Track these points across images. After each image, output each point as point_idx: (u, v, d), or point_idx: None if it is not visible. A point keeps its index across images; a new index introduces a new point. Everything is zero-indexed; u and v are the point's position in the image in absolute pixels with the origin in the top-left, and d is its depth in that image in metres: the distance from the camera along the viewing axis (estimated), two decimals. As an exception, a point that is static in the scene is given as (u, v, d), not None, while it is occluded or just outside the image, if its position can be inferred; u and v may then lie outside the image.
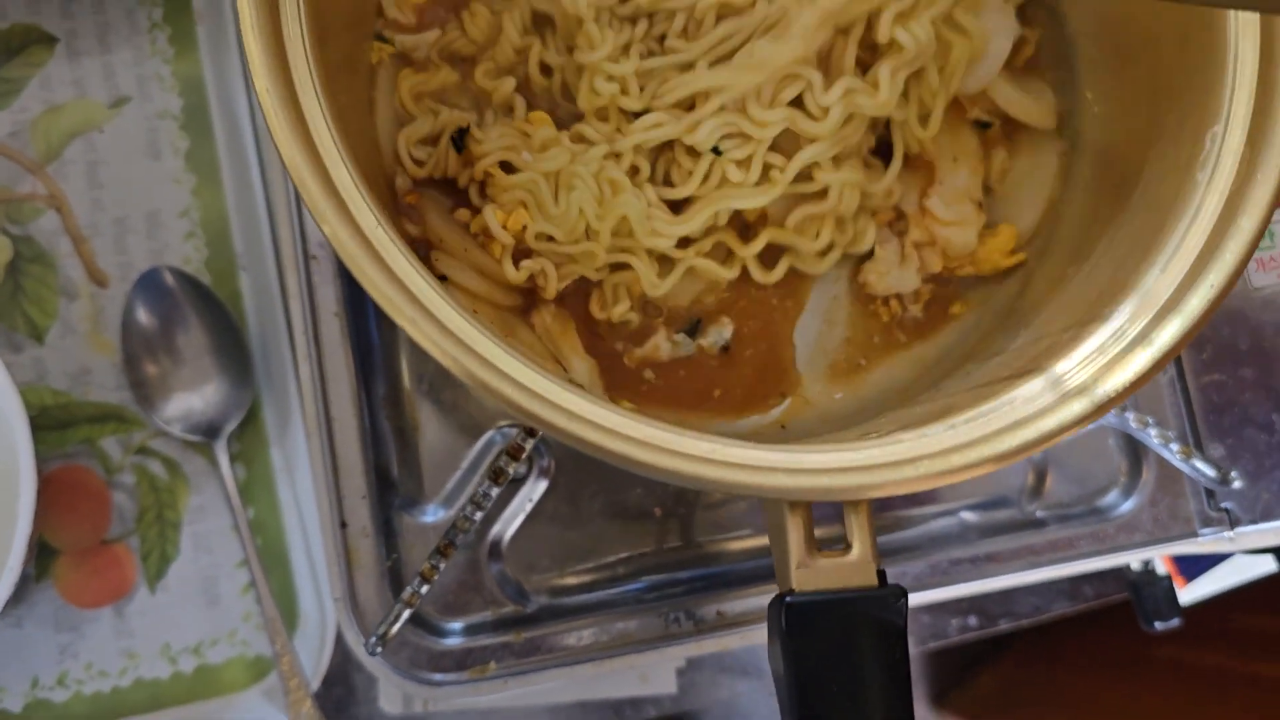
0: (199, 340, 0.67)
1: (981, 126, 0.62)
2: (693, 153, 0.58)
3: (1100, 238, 0.51)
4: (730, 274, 0.60)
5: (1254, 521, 0.63)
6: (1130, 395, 0.43)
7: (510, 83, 0.59)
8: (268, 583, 0.65)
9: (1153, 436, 0.59)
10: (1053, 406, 0.43)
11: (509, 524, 0.62)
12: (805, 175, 0.58)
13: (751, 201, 0.58)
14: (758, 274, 0.61)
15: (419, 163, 0.58)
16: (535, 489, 0.62)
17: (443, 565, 0.53)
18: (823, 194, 0.59)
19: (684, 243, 0.59)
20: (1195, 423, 0.64)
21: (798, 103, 0.57)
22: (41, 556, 0.66)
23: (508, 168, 0.57)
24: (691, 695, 0.70)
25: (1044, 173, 0.62)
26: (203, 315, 0.67)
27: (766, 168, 0.58)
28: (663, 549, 0.64)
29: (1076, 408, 0.43)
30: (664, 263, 0.60)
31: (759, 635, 0.60)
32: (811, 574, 0.40)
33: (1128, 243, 0.48)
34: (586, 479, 0.63)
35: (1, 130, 0.70)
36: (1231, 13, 0.46)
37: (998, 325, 0.58)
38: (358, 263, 0.41)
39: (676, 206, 0.59)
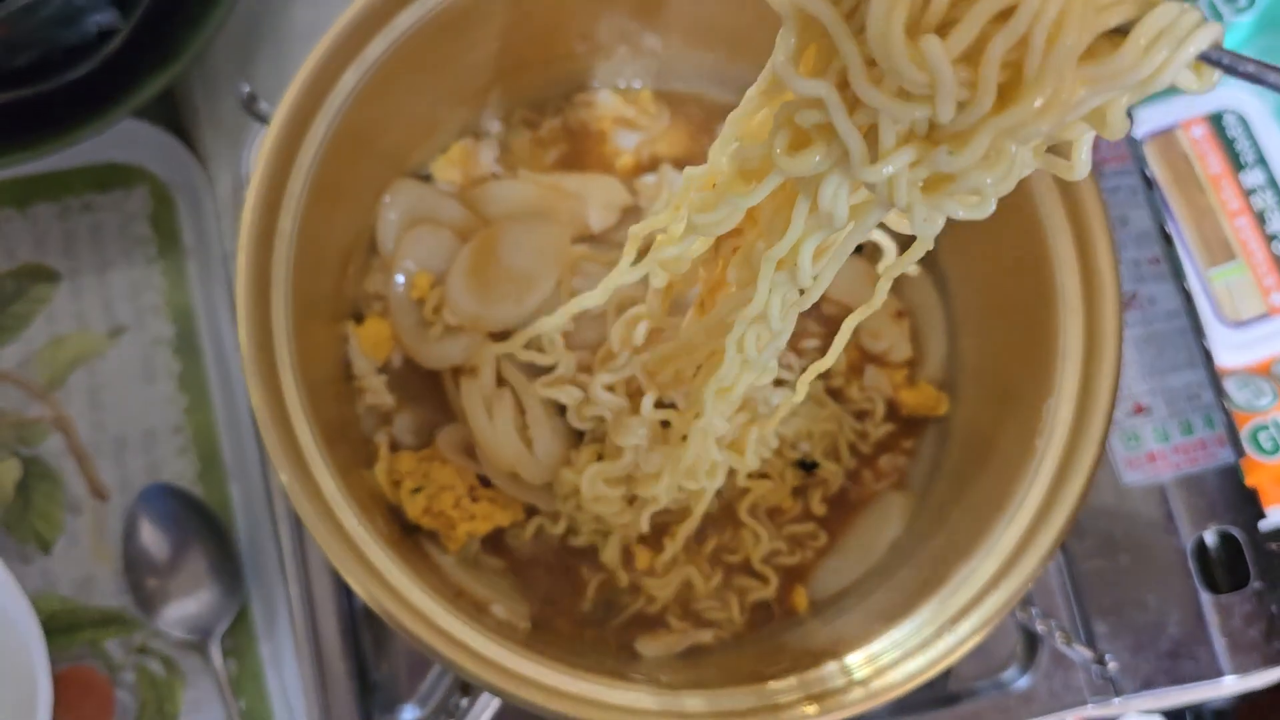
0: (194, 551, 0.72)
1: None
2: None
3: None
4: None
5: (1137, 690, 0.70)
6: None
7: None
8: (260, 772, 0.69)
9: (1037, 623, 0.67)
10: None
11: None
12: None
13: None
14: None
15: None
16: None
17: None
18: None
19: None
20: (1082, 602, 0.71)
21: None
22: (49, 754, 0.70)
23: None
24: None
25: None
26: (198, 527, 0.73)
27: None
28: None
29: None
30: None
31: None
32: None
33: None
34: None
35: (11, 360, 0.76)
36: (1060, 295, 0.54)
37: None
38: (317, 528, 0.50)
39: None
